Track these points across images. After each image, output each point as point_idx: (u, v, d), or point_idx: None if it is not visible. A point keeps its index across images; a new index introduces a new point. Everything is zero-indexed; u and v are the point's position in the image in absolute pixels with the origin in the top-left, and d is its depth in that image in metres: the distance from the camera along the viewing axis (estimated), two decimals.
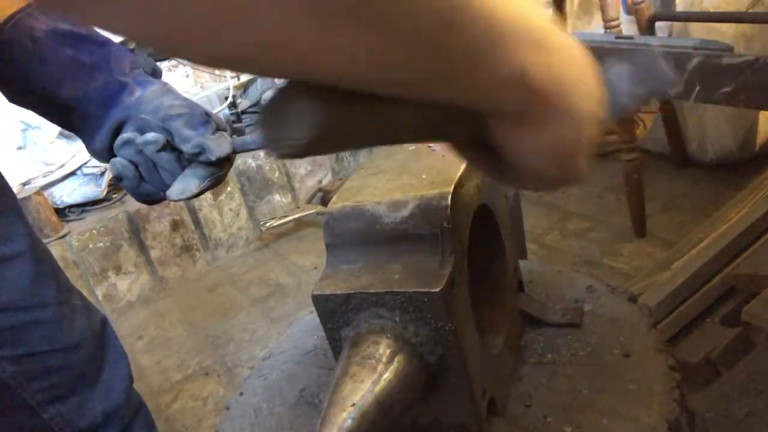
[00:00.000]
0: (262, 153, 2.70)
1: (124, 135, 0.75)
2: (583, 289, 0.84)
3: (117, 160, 0.75)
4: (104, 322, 1.03)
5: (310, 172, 2.87)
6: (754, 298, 1.27)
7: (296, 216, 2.66)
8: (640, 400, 0.63)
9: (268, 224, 2.62)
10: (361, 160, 2.96)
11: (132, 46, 1.45)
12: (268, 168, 2.72)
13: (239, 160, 2.64)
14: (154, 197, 0.80)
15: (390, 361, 0.53)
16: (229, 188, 2.63)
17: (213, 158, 0.74)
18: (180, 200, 0.78)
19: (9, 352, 0.88)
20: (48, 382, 0.92)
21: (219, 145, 0.74)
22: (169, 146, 0.75)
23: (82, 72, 0.75)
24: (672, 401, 0.63)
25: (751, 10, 1.93)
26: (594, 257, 2.00)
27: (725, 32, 1.94)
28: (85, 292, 1.20)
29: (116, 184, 0.77)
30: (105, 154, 0.77)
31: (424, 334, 0.55)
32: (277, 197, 2.79)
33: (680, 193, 2.20)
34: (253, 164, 2.68)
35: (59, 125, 0.83)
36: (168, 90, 0.77)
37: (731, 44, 0.95)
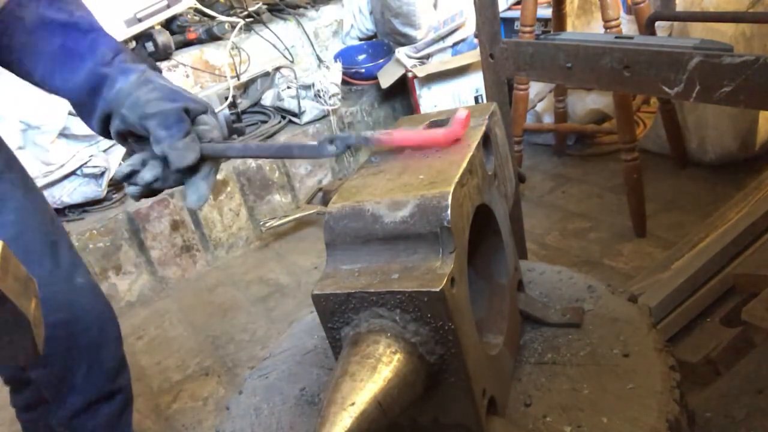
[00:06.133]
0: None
1: (125, 168, 0.78)
2: (583, 289, 0.84)
3: (133, 190, 0.80)
4: (67, 323, 1.04)
5: (310, 172, 2.87)
6: (754, 298, 1.27)
7: (296, 216, 2.65)
8: (640, 400, 0.63)
9: (268, 224, 2.62)
10: (361, 160, 2.95)
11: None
12: (268, 168, 2.72)
13: (239, 161, 2.63)
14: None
15: (390, 361, 0.53)
16: (229, 188, 2.63)
17: (174, 169, 0.75)
18: (200, 207, 0.83)
19: None
20: (20, 397, 0.96)
21: (181, 157, 0.75)
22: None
23: (71, 60, 0.79)
24: (672, 401, 0.63)
25: (751, 10, 1.93)
26: (594, 257, 2.00)
27: (725, 32, 1.94)
28: None
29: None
30: (103, 134, 0.82)
31: (424, 334, 0.55)
32: (277, 197, 2.78)
33: (680, 193, 2.20)
34: (253, 164, 2.67)
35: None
36: (146, 80, 0.78)
37: (731, 44, 0.95)
